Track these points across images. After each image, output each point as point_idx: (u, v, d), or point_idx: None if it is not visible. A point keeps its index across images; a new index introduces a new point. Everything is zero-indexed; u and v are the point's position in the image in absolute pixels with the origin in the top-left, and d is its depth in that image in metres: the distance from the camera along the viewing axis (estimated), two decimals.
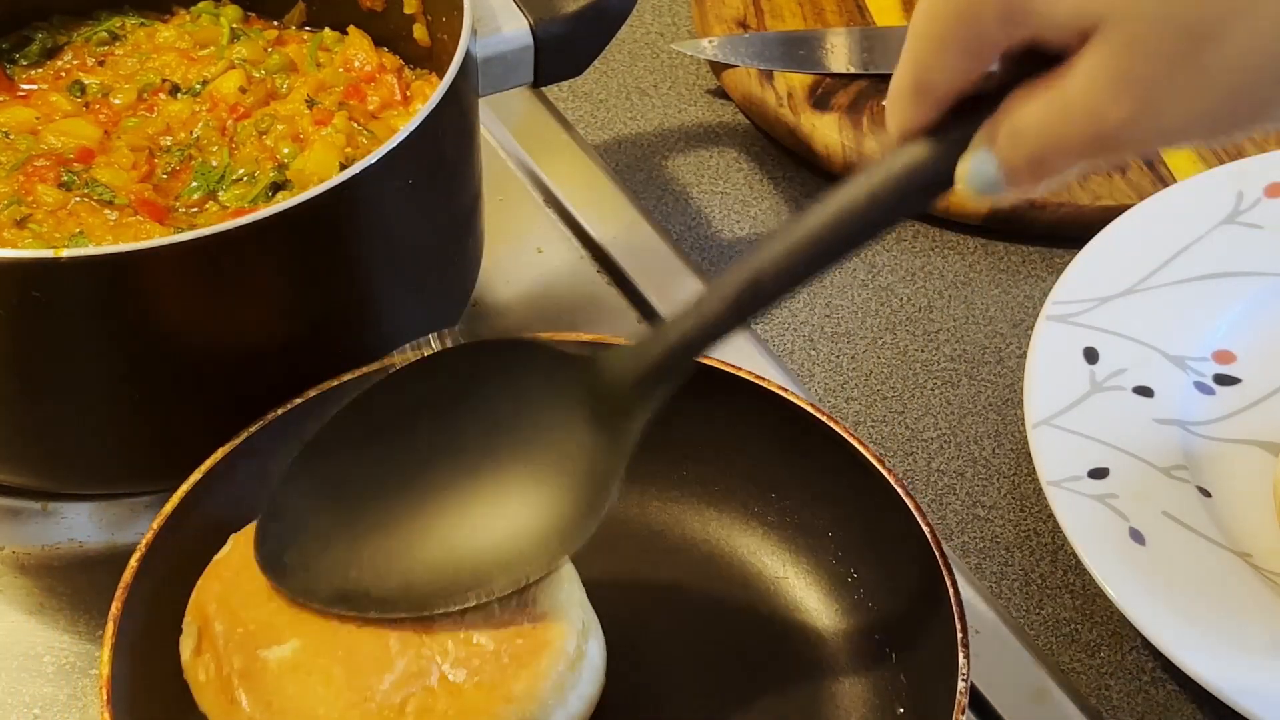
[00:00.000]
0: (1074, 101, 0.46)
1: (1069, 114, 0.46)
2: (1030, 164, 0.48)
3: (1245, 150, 0.92)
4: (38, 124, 0.76)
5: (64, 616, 0.72)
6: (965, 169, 0.49)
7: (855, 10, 1.03)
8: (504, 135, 0.94)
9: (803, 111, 0.95)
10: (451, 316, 0.79)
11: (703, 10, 1.02)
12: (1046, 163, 0.48)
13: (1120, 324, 0.80)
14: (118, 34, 0.81)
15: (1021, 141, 0.48)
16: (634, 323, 0.84)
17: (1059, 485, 0.73)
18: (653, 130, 0.99)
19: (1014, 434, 0.82)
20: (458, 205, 0.76)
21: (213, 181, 0.73)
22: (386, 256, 0.71)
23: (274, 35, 0.82)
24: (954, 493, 0.79)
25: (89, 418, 0.69)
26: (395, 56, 0.80)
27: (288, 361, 0.69)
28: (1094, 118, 0.46)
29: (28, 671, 0.70)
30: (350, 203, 0.66)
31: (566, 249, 0.89)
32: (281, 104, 0.76)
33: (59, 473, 0.73)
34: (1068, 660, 0.73)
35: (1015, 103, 0.48)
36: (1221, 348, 0.82)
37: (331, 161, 0.72)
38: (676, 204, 0.94)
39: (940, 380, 0.85)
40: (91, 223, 0.70)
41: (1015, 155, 0.48)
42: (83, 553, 0.74)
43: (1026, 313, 0.88)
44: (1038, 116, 0.47)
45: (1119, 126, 0.46)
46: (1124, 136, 0.46)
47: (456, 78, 0.69)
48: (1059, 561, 0.76)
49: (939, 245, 0.92)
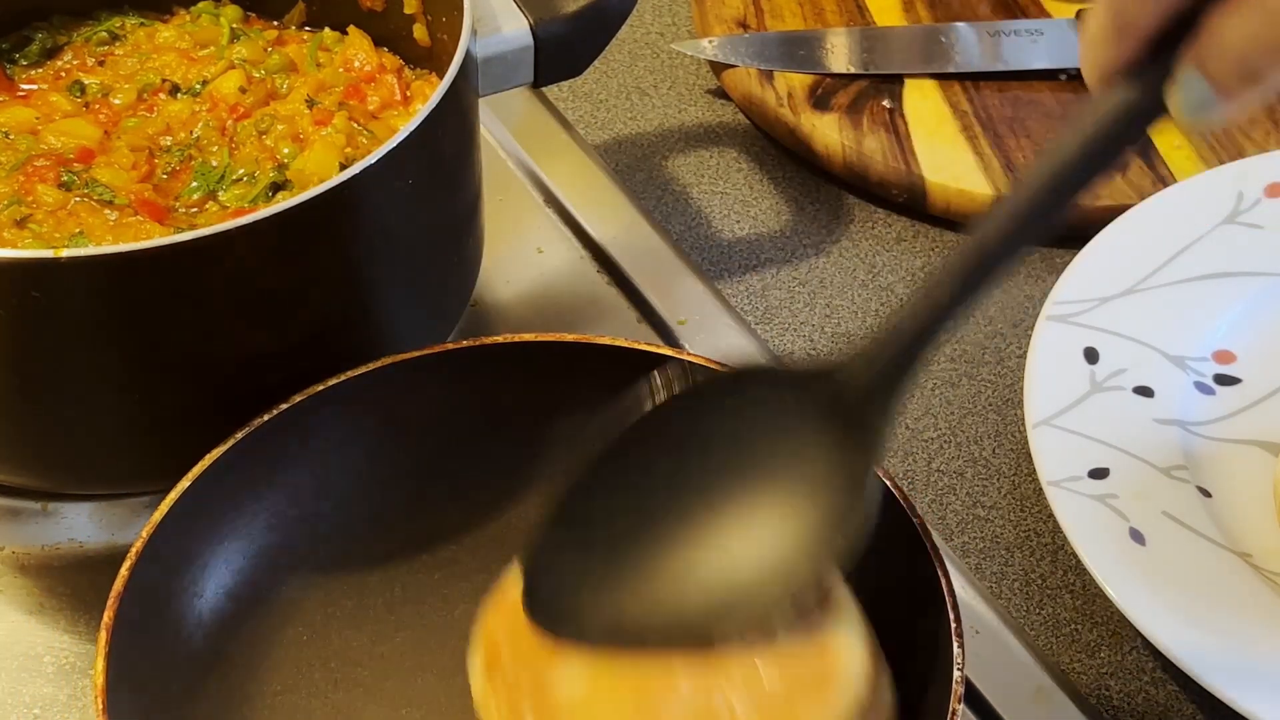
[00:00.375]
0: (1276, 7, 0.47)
1: (1274, 17, 0.47)
2: (1242, 75, 0.49)
3: (1245, 150, 0.92)
4: (38, 124, 0.76)
5: (64, 616, 0.72)
6: (1178, 96, 0.50)
7: (855, 10, 1.03)
8: (504, 135, 0.94)
9: (803, 111, 0.95)
10: (451, 316, 0.79)
11: (703, 10, 1.02)
12: (1258, 71, 0.48)
13: (1120, 324, 0.80)
14: (118, 34, 0.81)
15: (1230, 55, 0.48)
16: (634, 323, 0.84)
17: (1059, 485, 0.73)
18: (653, 130, 0.99)
19: (1014, 434, 0.82)
20: (458, 205, 0.76)
21: (213, 181, 0.73)
22: (386, 256, 0.71)
23: (274, 35, 0.82)
24: (954, 493, 0.79)
25: (89, 418, 0.69)
26: (395, 56, 0.80)
27: (288, 361, 0.69)
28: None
29: (28, 671, 0.70)
30: (350, 203, 0.66)
31: (566, 249, 0.89)
32: (281, 104, 0.76)
33: (59, 473, 0.73)
34: (1068, 660, 0.73)
35: (1214, 20, 0.49)
36: (1221, 348, 0.82)
37: (331, 161, 0.72)
38: (676, 204, 0.95)
39: (940, 380, 0.85)
40: (91, 223, 0.70)
41: (1226, 70, 0.49)
42: (83, 553, 0.74)
43: (1026, 313, 0.88)
44: (1241, 28, 0.48)
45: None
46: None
47: (456, 78, 0.69)
48: (1059, 561, 0.76)
49: (939, 245, 0.92)
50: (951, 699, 0.57)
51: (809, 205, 0.95)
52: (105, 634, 0.59)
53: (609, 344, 0.70)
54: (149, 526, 0.62)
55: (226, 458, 0.65)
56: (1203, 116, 0.50)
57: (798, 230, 0.93)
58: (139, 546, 0.62)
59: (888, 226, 0.93)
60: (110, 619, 0.59)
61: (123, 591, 0.60)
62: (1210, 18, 0.49)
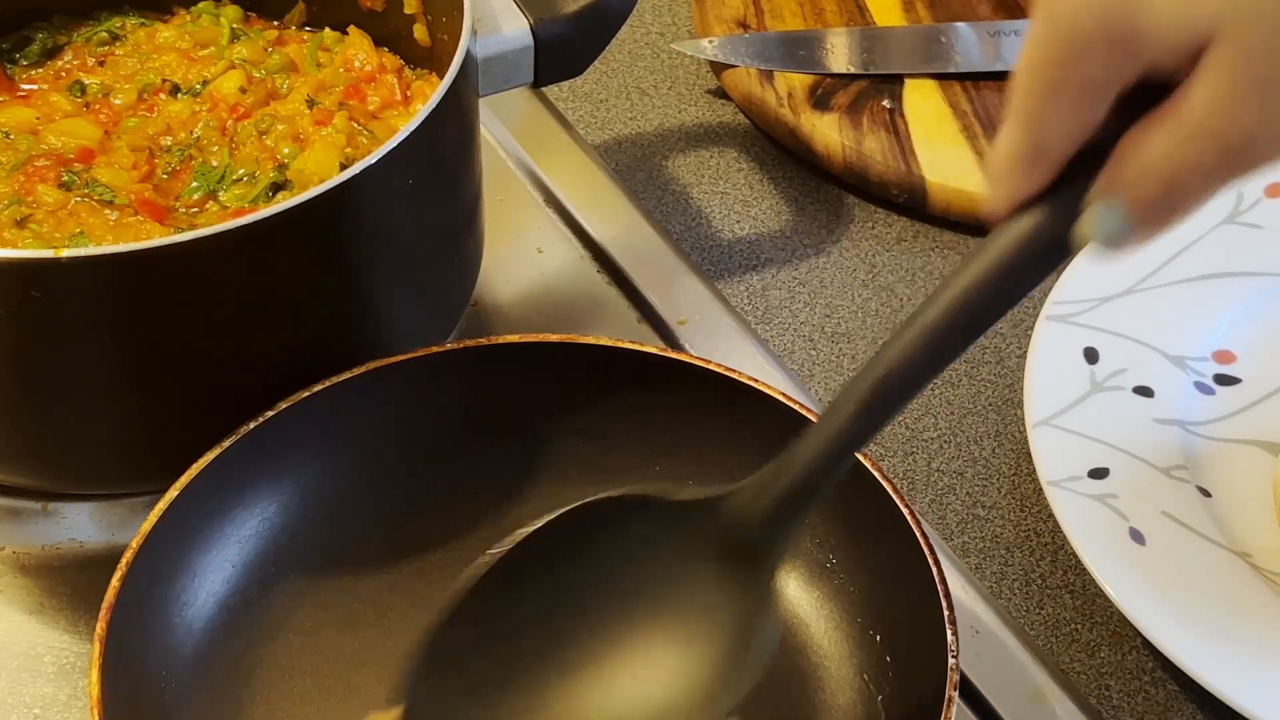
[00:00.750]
0: (1201, 121, 0.44)
1: (1198, 136, 0.44)
2: (1164, 200, 0.46)
3: None
4: (38, 124, 0.76)
5: (64, 616, 0.72)
6: (1090, 227, 0.47)
7: (855, 10, 1.03)
8: (504, 135, 0.94)
9: (803, 111, 0.95)
10: (452, 316, 0.79)
11: (703, 10, 1.02)
12: (1181, 195, 0.46)
13: (1120, 324, 0.80)
14: (118, 34, 0.81)
15: (1150, 180, 0.45)
16: (634, 323, 0.84)
17: (1059, 485, 0.73)
18: (653, 130, 0.99)
19: (1014, 434, 0.82)
20: (458, 205, 0.76)
21: (213, 181, 0.73)
22: (386, 256, 0.71)
23: (274, 35, 0.82)
24: (954, 493, 0.79)
25: (89, 418, 0.69)
26: (395, 56, 0.80)
27: (288, 361, 0.69)
28: (1225, 133, 0.44)
29: (28, 671, 0.70)
30: (350, 203, 0.66)
31: (566, 249, 0.89)
32: (282, 104, 0.76)
33: (59, 473, 0.73)
34: (1068, 660, 0.73)
35: (1132, 144, 0.46)
36: (1221, 348, 0.82)
37: (331, 161, 0.72)
38: (676, 204, 0.95)
39: (940, 380, 0.85)
40: (92, 223, 0.70)
41: (1145, 195, 0.46)
42: (83, 553, 0.74)
43: (1026, 313, 0.88)
44: (1163, 148, 0.45)
45: (1253, 137, 0.44)
46: (1258, 146, 0.44)
47: (456, 78, 0.69)
48: (1059, 561, 0.76)
49: (939, 245, 0.92)
50: (947, 686, 0.57)
51: (809, 205, 0.95)
52: (99, 645, 0.59)
53: (609, 344, 0.70)
54: (138, 537, 0.62)
55: (215, 466, 0.65)
56: (1117, 245, 0.47)
57: (798, 230, 0.93)
58: (129, 557, 0.62)
59: (888, 226, 0.93)
60: (103, 630, 0.59)
61: (114, 603, 0.60)
62: (1125, 142, 0.46)
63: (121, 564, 0.61)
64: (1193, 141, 0.44)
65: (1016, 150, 0.48)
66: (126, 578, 0.61)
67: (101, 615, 0.60)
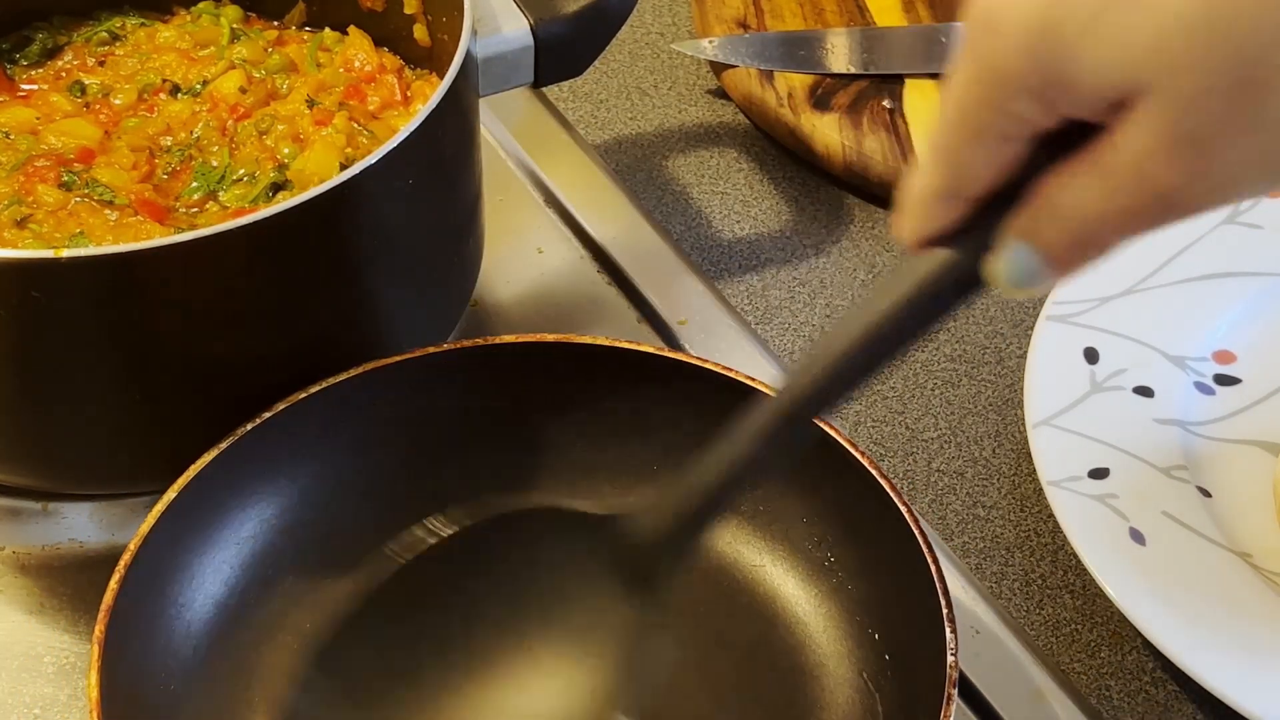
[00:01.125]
0: (1123, 171, 0.43)
1: (1119, 185, 0.44)
2: (1077, 245, 0.45)
3: None
4: (38, 124, 0.76)
5: (64, 616, 0.72)
6: (1001, 266, 0.47)
7: (855, 10, 1.03)
8: (504, 135, 0.94)
9: (803, 111, 0.95)
10: (452, 316, 0.79)
11: (703, 10, 1.02)
12: (1095, 241, 0.45)
13: (1120, 324, 0.81)
14: (118, 34, 0.81)
15: (1066, 224, 0.45)
16: (634, 323, 0.84)
17: (1059, 485, 0.73)
18: (653, 130, 0.99)
19: (1014, 434, 0.82)
20: (458, 205, 0.76)
21: (213, 182, 0.73)
22: (387, 256, 0.71)
23: (274, 35, 0.82)
24: (954, 493, 0.79)
25: (89, 418, 0.69)
26: (395, 56, 0.80)
27: (287, 361, 0.69)
28: (1147, 185, 0.43)
29: (28, 671, 0.70)
30: (350, 203, 0.66)
31: (566, 249, 0.89)
32: (282, 104, 0.76)
33: (59, 473, 0.73)
34: (1068, 660, 0.73)
35: (1050, 187, 0.45)
36: (1221, 348, 0.82)
37: (332, 162, 0.72)
38: (676, 204, 0.95)
39: (940, 380, 0.85)
40: (92, 223, 0.70)
41: (1059, 239, 0.45)
42: (83, 553, 0.74)
43: (1026, 313, 0.88)
44: (1081, 194, 0.45)
45: (1176, 190, 0.43)
46: (1181, 200, 0.43)
47: (456, 78, 0.69)
48: (1059, 561, 0.76)
49: None
50: (946, 685, 0.58)
51: (809, 205, 0.95)
52: (97, 648, 0.59)
53: (609, 344, 0.70)
54: (136, 539, 0.62)
55: (214, 466, 0.65)
56: (1028, 287, 0.47)
57: (798, 230, 0.93)
58: (127, 558, 0.62)
59: (888, 226, 0.93)
60: (101, 633, 0.59)
61: (113, 605, 0.60)
62: (1044, 183, 0.45)
63: (120, 565, 0.61)
64: (1116, 191, 0.44)
65: (933, 187, 0.47)
66: (125, 579, 0.61)
67: (100, 617, 0.60)
